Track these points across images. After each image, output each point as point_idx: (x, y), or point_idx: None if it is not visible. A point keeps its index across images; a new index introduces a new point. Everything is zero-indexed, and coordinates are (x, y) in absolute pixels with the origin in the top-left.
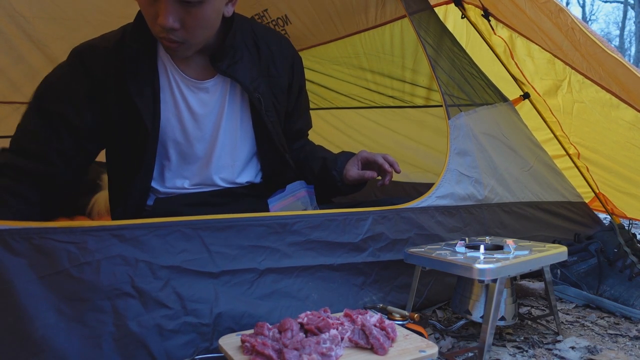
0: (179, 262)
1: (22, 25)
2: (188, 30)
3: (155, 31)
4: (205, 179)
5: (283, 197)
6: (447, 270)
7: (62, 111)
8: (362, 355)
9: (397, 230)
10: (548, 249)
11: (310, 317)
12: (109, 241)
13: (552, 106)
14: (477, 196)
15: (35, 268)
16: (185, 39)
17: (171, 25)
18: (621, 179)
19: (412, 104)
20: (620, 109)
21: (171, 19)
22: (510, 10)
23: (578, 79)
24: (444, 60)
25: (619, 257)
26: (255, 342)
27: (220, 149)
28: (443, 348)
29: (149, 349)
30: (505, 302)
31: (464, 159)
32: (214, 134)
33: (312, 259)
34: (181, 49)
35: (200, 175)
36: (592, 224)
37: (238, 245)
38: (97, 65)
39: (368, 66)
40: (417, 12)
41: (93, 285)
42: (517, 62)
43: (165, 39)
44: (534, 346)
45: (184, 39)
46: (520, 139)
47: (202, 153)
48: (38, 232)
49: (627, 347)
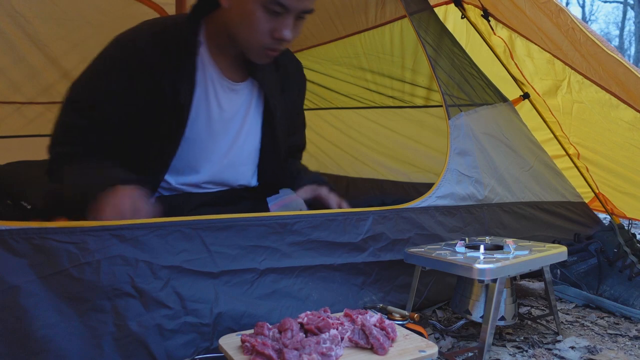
0: (179, 262)
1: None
2: (290, 42)
3: (265, 42)
4: (214, 177)
5: (281, 197)
6: (447, 270)
7: (111, 95)
8: (362, 355)
9: (398, 230)
10: (548, 249)
11: (310, 317)
12: (109, 241)
13: (552, 106)
14: (477, 196)
15: (36, 268)
16: (283, 48)
17: (291, 39)
18: (621, 179)
19: (412, 104)
20: (619, 109)
21: (292, 33)
22: (510, 11)
23: (578, 79)
24: (444, 60)
25: (619, 257)
26: (255, 342)
27: (238, 150)
28: (443, 348)
29: (149, 349)
30: (505, 302)
31: (464, 159)
32: (236, 134)
33: (312, 259)
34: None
35: (213, 172)
36: (592, 224)
37: (238, 245)
38: (136, 56)
39: (368, 66)
40: (417, 12)
41: (93, 285)
42: (516, 62)
43: (273, 50)
44: (534, 346)
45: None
46: (520, 139)
47: (222, 151)
48: (38, 232)
49: (627, 347)
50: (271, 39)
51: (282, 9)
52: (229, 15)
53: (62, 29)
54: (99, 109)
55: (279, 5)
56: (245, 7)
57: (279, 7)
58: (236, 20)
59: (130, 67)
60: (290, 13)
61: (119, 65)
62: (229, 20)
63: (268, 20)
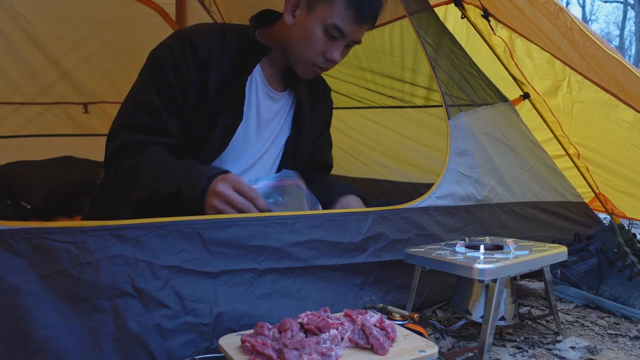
0: (178, 262)
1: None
2: (336, 63)
3: (316, 61)
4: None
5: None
6: (447, 270)
7: (172, 86)
8: (362, 355)
9: (397, 230)
10: (548, 249)
11: (310, 317)
12: (109, 241)
13: (552, 106)
14: (477, 196)
15: (36, 268)
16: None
17: (338, 61)
18: (621, 179)
19: (412, 104)
20: (619, 109)
21: (341, 56)
22: (510, 11)
23: (577, 79)
24: (443, 60)
25: (619, 257)
26: (255, 342)
27: (265, 158)
28: (443, 348)
29: (149, 349)
30: (505, 302)
31: (463, 159)
32: (269, 141)
33: (312, 259)
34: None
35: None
36: (592, 224)
37: (238, 245)
38: (203, 47)
39: (368, 66)
40: (417, 12)
41: (93, 285)
42: (516, 62)
43: (320, 68)
44: (534, 346)
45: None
46: (520, 139)
47: (255, 156)
48: (38, 232)
49: (627, 347)
50: (322, 58)
51: (339, 35)
52: (290, 31)
53: (62, 29)
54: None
55: (338, 31)
56: (308, 27)
57: (337, 33)
58: (296, 36)
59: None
60: (344, 39)
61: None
62: (289, 36)
63: (324, 42)
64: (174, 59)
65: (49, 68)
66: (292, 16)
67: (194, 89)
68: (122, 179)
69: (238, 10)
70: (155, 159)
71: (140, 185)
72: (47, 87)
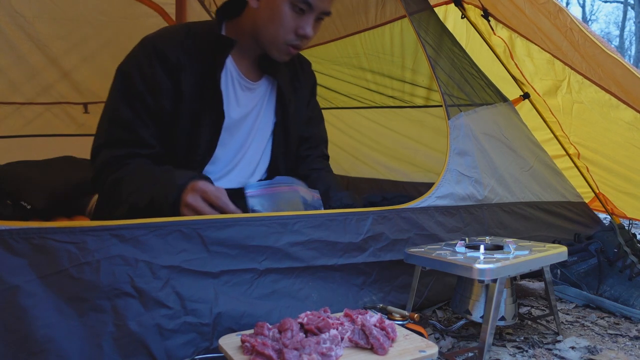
0: (178, 262)
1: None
2: (310, 39)
3: (288, 39)
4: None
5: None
6: (447, 270)
7: (143, 96)
8: (362, 355)
9: (397, 230)
10: (548, 249)
11: (310, 317)
12: (108, 241)
13: (552, 106)
14: (477, 196)
15: (36, 268)
16: (303, 46)
17: (311, 36)
18: (621, 179)
19: (412, 104)
20: (619, 109)
21: (313, 30)
22: (510, 11)
23: (577, 79)
24: (443, 60)
25: (619, 257)
26: (255, 342)
27: (247, 148)
28: (443, 348)
29: (149, 349)
30: (505, 302)
31: (463, 159)
32: (249, 131)
33: (312, 259)
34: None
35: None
36: (592, 224)
37: (238, 245)
38: (170, 51)
39: (368, 66)
40: (417, 12)
41: (93, 285)
42: (516, 62)
43: (294, 46)
44: (534, 346)
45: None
46: (520, 139)
47: (236, 147)
48: (38, 232)
49: (627, 347)
50: (294, 36)
51: (307, 7)
52: (257, 14)
53: (62, 29)
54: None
55: (305, 4)
56: (275, 5)
57: (305, 5)
58: (264, 18)
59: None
60: (313, 12)
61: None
62: (257, 20)
63: (294, 18)
64: (140, 67)
65: (49, 68)
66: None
67: (166, 95)
68: (107, 195)
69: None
70: (135, 172)
71: (121, 199)
72: (47, 87)
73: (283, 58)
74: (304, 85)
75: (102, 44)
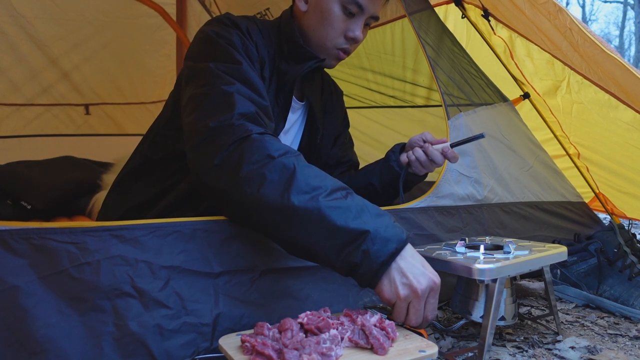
0: (179, 262)
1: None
2: (359, 44)
3: (338, 43)
4: None
5: None
6: (447, 270)
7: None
8: (362, 355)
9: None
10: (548, 249)
11: (310, 317)
12: (109, 241)
13: (552, 106)
14: (476, 196)
15: (36, 268)
16: (352, 50)
17: (361, 39)
18: (621, 179)
19: (413, 103)
20: (619, 109)
21: (363, 34)
22: (510, 11)
23: (577, 79)
24: (443, 61)
25: (619, 257)
26: (255, 342)
27: None
28: (443, 348)
29: (149, 349)
30: (505, 302)
31: (463, 159)
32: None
33: None
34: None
35: None
36: (592, 224)
37: (238, 245)
38: (260, 46)
39: (369, 66)
40: (417, 12)
41: (93, 285)
42: (516, 62)
43: (344, 51)
44: (534, 346)
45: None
46: (520, 139)
47: None
48: (38, 232)
49: (627, 347)
50: (344, 39)
51: (358, 10)
52: (306, 18)
53: (62, 29)
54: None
55: (356, 6)
56: (325, 7)
57: (356, 8)
58: (313, 21)
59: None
60: (363, 15)
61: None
62: (305, 24)
63: (343, 21)
64: (245, 45)
65: (49, 68)
66: (304, 2)
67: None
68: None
69: (239, 11)
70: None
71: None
72: (48, 87)
73: (332, 63)
74: (334, 111)
75: (103, 44)
